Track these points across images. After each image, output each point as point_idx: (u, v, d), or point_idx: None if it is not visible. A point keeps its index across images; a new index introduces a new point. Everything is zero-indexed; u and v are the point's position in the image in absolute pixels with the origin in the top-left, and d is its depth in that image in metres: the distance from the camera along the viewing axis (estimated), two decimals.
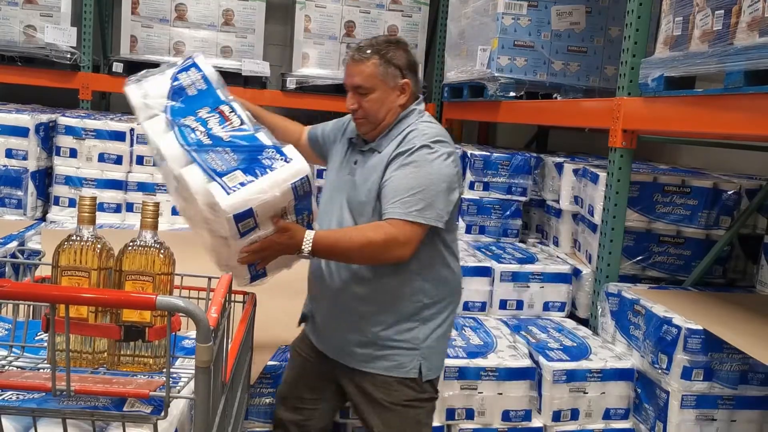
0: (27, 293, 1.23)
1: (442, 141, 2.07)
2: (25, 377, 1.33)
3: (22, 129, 3.59)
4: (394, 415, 2.13)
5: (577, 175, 3.60)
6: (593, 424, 2.76)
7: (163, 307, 1.15)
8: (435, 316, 2.16)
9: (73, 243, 1.39)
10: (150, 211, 1.43)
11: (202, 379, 1.21)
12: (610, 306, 3.01)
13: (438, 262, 2.15)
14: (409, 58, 2.13)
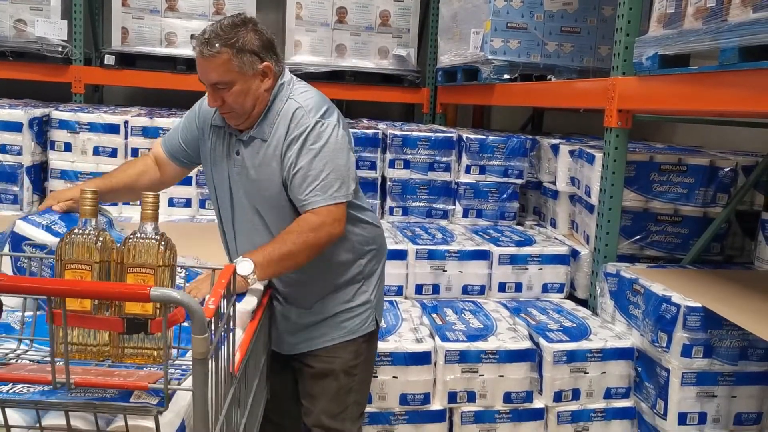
0: (22, 287, 1.22)
1: (327, 109, 2.02)
2: (29, 370, 1.32)
3: (16, 124, 3.57)
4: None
5: (573, 156, 3.59)
6: (594, 403, 2.77)
7: (157, 299, 1.15)
8: (369, 271, 2.22)
9: (76, 236, 1.38)
10: (150, 204, 1.42)
11: (199, 370, 1.20)
12: (609, 286, 3.02)
13: (353, 225, 2.13)
14: (262, 38, 1.96)
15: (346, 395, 2.22)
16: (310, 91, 2.08)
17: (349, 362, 2.20)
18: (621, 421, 2.79)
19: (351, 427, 2.24)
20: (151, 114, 3.93)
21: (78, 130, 3.67)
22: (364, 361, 2.25)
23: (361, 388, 2.27)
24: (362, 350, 2.23)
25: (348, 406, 2.22)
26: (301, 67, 5.13)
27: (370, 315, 2.23)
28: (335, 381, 2.19)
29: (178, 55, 4.85)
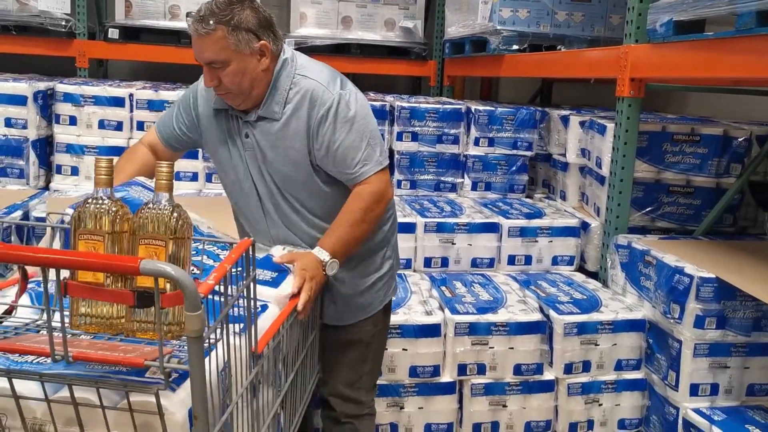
0: (16, 256, 1.18)
1: (340, 78, 2.01)
2: (36, 341, 1.31)
3: (20, 97, 3.53)
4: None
5: (583, 127, 3.55)
6: (605, 375, 2.76)
7: (147, 272, 1.10)
8: (388, 240, 2.21)
9: (89, 206, 1.35)
10: (164, 174, 1.37)
11: (194, 349, 1.16)
12: (620, 258, 3.00)
13: None
14: (258, 16, 1.91)
15: (362, 365, 2.22)
16: (317, 65, 2.04)
17: (369, 334, 2.20)
18: (632, 393, 2.78)
19: (365, 397, 2.24)
20: (156, 87, 3.89)
21: (83, 103, 3.63)
22: (380, 332, 2.25)
23: (376, 358, 2.27)
24: (380, 320, 2.23)
25: (362, 375, 2.22)
26: (306, 40, 5.07)
27: (393, 282, 2.24)
28: (356, 351, 2.20)
29: (182, 28, 4.78)
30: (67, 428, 1.29)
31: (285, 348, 1.75)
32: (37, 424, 1.30)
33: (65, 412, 1.28)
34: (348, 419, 2.23)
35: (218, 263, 1.37)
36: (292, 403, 1.88)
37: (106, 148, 3.65)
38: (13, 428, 1.30)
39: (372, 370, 2.26)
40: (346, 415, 2.23)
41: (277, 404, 1.69)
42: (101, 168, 1.37)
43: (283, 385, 1.76)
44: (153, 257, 1.34)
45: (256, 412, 1.55)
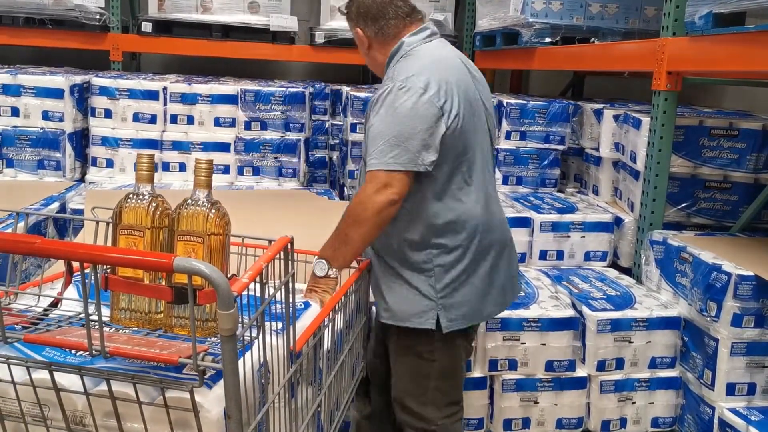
0: (54, 251, 1.19)
1: (418, 75, 1.92)
2: (76, 335, 1.32)
3: (57, 90, 3.59)
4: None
5: (617, 121, 3.50)
6: (639, 373, 2.73)
7: (180, 270, 1.09)
8: (446, 265, 2.02)
9: (130, 202, 1.36)
10: (203, 170, 1.37)
11: (227, 348, 1.15)
12: (655, 254, 2.95)
13: (428, 205, 1.99)
14: (359, 6, 2.06)
15: (425, 380, 2.11)
16: (417, 60, 1.99)
17: (417, 347, 2.08)
18: (666, 391, 2.74)
19: (434, 413, 2.11)
20: (189, 81, 3.93)
21: (118, 96, 3.68)
22: (442, 351, 2.08)
23: (443, 377, 2.11)
24: (434, 341, 2.06)
25: (428, 390, 2.10)
26: (336, 33, 5.07)
27: (430, 312, 2.02)
28: (411, 361, 2.11)
29: (215, 21, 4.83)
30: (106, 421, 1.31)
31: (326, 346, 1.75)
32: (77, 416, 1.32)
33: (104, 406, 1.29)
34: (413, 430, 2.15)
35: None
36: (332, 401, 1.88)
37: (140, 140, 3.69)
38: (54, 419, 1.32)
39: (440, 387, 2.11)
40: (409, 426, 2.15)
41: (316, 403, 1.69)
42: (143, 164, 1.37)
43: (323, 384, 1.75)
44: (191, 254, 1.34)
45: (295, 411, 1.55)
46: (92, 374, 1.26)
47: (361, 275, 2.13)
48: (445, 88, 1.94)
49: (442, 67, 1.98)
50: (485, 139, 2.09)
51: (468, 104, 2.00)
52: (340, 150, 4.23)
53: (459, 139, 1.97)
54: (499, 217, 2.15)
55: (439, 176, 1.98)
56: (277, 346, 1.45)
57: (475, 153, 2.03)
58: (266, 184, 3.82)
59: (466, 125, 1.98)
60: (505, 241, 2.14)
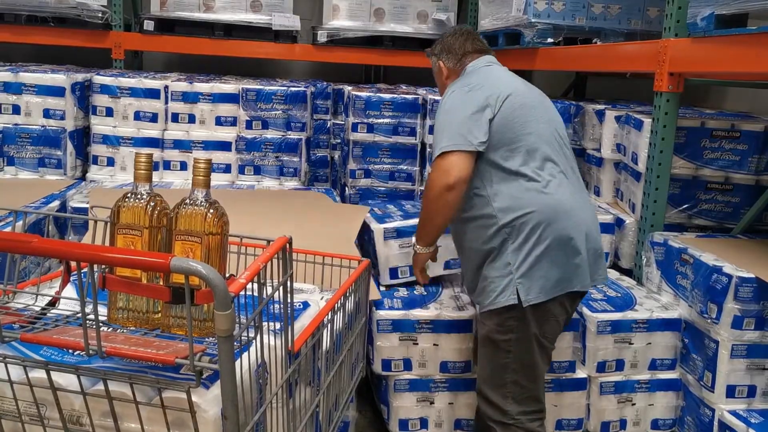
0: (52, 250, 1.18)
1: (465, 83, 2.30)
2: (72, 335, 1.32)
3: (59, 89, 3.59)
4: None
5: (619, 122, 3.49)
6: (639, 374, 2.72)
7: (177, 270, 1.09)
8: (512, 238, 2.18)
9: (128, 201, 1.35)
10: (202, 169, 1.37)
11: (224, 348, 1.14)
12: (656, 256, 2.95)
13: (493, 185, 2.22)
14: (442, 44, 2.53)
15: (503, 371, 2.21)
16: (473, 75, 2.38)
17: (495, 333, 2.20)
18: (666, 393, 2.74)
19: (512, 407, 2.20)
20: (191, 79, 3.92)
21: (119, 94, 3.68)
22: (519, 341, 2.18)
23: (521, 370, 2.21)
24: (511, 326, 2.17)
25: (507, 383, 2.20)
26: (338, 32, 5.07)
27: (509, 287, 2.16)
28: (486, 349, 2.26)
29: (216, 20, 4.83)
30: (103, 421, 1.30)
31: (325, 346, 1.75)
32: (74, 415, 1.32)
33: (101, 406, 1.29)
34: (492, 423, 2.23)
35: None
36: (331, 401, 1.88)
37: (141, 139, 3.69)
38: (51, 419, 1.32)
39: (518, 380, 2.21)
40: (489, 418, 2.24)
41: (315, 403, 1.68)
42: (141, 163, 1.37)
43: (322, 384, 1.75)
44: (188, 254, 1.34)
45: (293, 412, 1.54)
46: (89, 374, 1.26)
47: (361, 276, 2.12)
48: (491, 88, 2.25)
49: (489, 77, 2.34)
50: (548, 136, 2.28)
51: (519, 106, 2.24)
52: (341, 149, 4.23)
53: (508, 128, 2.20)
54: (568, 204, 2.22)
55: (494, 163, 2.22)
56: (275, 346, 1.45)
57: (535, 147, 2.21)
58: (267, 183, 3.82)
59: (515, 120, 2.21)
60: (577, 227, 2.21)
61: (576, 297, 2.26)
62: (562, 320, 2.27)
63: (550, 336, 2.25)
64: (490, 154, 2.20)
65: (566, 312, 2.26)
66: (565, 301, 2.22)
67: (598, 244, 2.28)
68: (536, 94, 2.39)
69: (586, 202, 2.34)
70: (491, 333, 2.22)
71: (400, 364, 2.67)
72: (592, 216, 2.31)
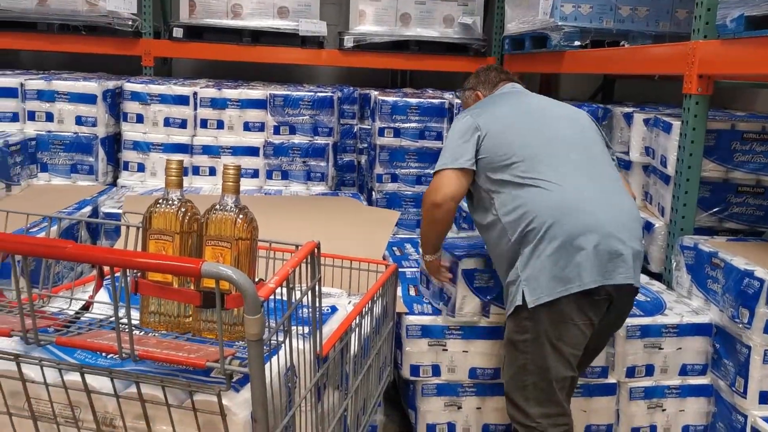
0: (82, 255, 1.19)
1: (470, 110, 2.46)
2: (108, 338, 1.35)
3: (90, 96, 3.66)
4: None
5: (648, 125, 3.46)
6: (669, 380, 2.69)
7: (208, 275, 1.11)
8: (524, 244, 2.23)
9: (160, 207, 1.38)
10: (231, 175, 1.39)
11: (254, 352, 1.15)
12: (686, 260, 2.91)
13: (492, 195, 2.32)
14: (477, 77, 2.68)
15: (522, 372, 2.23)
16: (485, 101, 2.57)
17: (514, 334, 2.26)
18: (697, 399, 2.70)
19: (534, 409, 2.21)
20: (219, 86, 3.98)
21: (149, 101, 3.74)
22: (533, 342, 2.19)
23: (537, 372, 2.21)
24: (526, 327, 2.20)
25: (527, 385, 2.22)
26: (365, 37, 5.09)
27: (518, 289, 2.21)
28: (507, 350, 2.32)
29: (244, 26, 4.89)
30: (136, 423, 1.33)
31: (353, 350, 1.76)
32: (108, 418, 1.35)
33: (134, 408, 1.31)
34: (518, 425, 2.26)
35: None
36: (359, 405, 1.89)
37: (171, 145, 3.75)
38: (85, 420, 1.34)
39: (537, 383, 2.22)
40: (515, 421, 2.28)
41: (343, 407, 1.69)
42: (172, 169, 1.39)
43: (350, 388, 1.76)
44: (219, 258, 1.36)
45: (321, 415, 1.56)
46: (123, 377, 1.29)
47: (388, 280, 2.13)
48: (486, 110, 2.43)
49: (495, 100, 2.51)
50: (551, 142, 2.35)
51: (511, 123, 2.39)
52: (368, 154, 4.25)
53: (501, 144, 2.31)
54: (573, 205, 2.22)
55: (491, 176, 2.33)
56: (303, 350, 1.46)
57: (532, 155, 2.29)
58: (295, 188, 3.85)
59: (506, 136, 2.33)
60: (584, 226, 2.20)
61: (594, 300, 2.20)
62: (582, 325, 2.21)
63: (567, 340, 2.21)
64: (488, 169, 2.32)
65: (587, 317, 2.22)
66: (584, 304, 2.18)
67: (613, 246, 2.19)
68: (545, 109, 2.51)
69: (610, 203, 2.28)
70: (510, 334, 2.28)
71: (429, 369, 2.67)
72: (616, 218, 2.24)
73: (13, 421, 1.35)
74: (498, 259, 2.37)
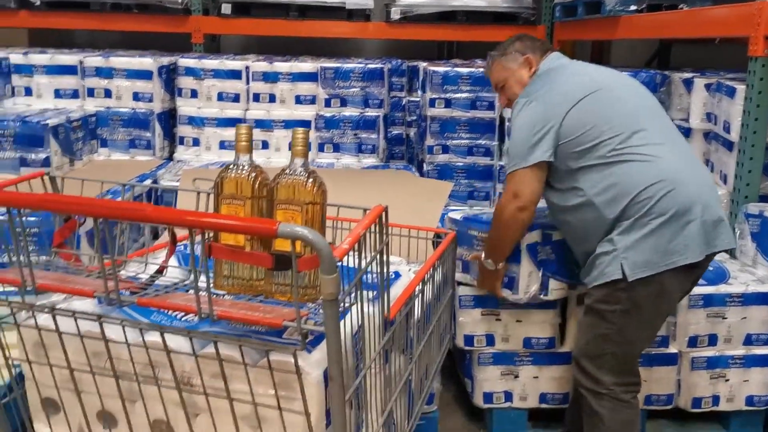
0: (162, 217, 1.23)
1: (532, 92, 2.26)
2: (185, 300, 1.38)
3: (146, 72, 3.72)
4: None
5: (709, 90, 3.36)
6: (733, 349, 2.64)
7: (284, 235, 1.13)
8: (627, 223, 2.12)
9: (231, 172, 1.41)
10: (300, 139, 1.40)
11: (330, 312, 1.18)
12: (751, 228, 2.83)
13: (573, 180, 2.19)
14: (524, 42, 2.42)
15: (602, 341, 2.17)
16: (545, 77, 2.31)
17: (601, 304, 2.16)
18: (762, 369, 2.65)
19: (607, 377, 2.17)
20: (270, 59, 4.00)
21: (203, 76, 3.79)
22: (625, 313, 2.13)
23: (622, 342, 2.17)
24: (619, 298, 2.12)
25: (605, 354, 2.17)
26: (411, 9, 5.04)
27: (614, 261, 2.11)
28: (588, 318, 2.23)
29: (291, 1, 4.88)
30: (212, 382, 1.36)
31: (416, 316, 1.77)
32: (185, 377, 1.39)
33: (210, 368, 1.35)
34: (585, 391, 2.22)
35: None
36: (422, 370, 1.91)
37: (225, 119, 3.79)
38: (164, 380, 1.38)
39: (617, 353, 2.17)
40: (582, 386, 2.24)
41: (408, 371, 1.71)
42: (241, 135, 1.41)
43: (413, 353, 1.78)
44: (290, 222, 1.38)
45: (388, 378, 1.58)
46: (201, 337, 1.32)
47: (447, 248, 2.13)
48: (557, 95, 2.22)
49: (557, 82, 2.27)
50: (635, 114, 2.21)
51: (592, 102, 2.20)
52: (418, 126, 4.23)
53: (582, 126, 2.16)
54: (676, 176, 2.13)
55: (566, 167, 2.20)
56: (371, 314, 1.47)
57: (622, 129, 2.14)
58: (346, 161, 3.87)
59: (588, 117, 2.17)
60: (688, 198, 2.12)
61: (693, 270, 2.15)
62: (678, 297, 2.23)
63: (662, 312, 2.21)
64: (570, 154, 2.17)
65: (681, 287, 2.19)
66: (685, 276, 2.14)
67: (715, 213, 2.15)
68: (609, 79, 2.34)
69: (697, 170, 2.23)
70: (596, 303, 2.18)
71: (483, 339, 2.66)
72: (706, 184, 2.21)
73: (96, 380, 1.40)
74: (581, 233, 2.24)
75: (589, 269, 2.21)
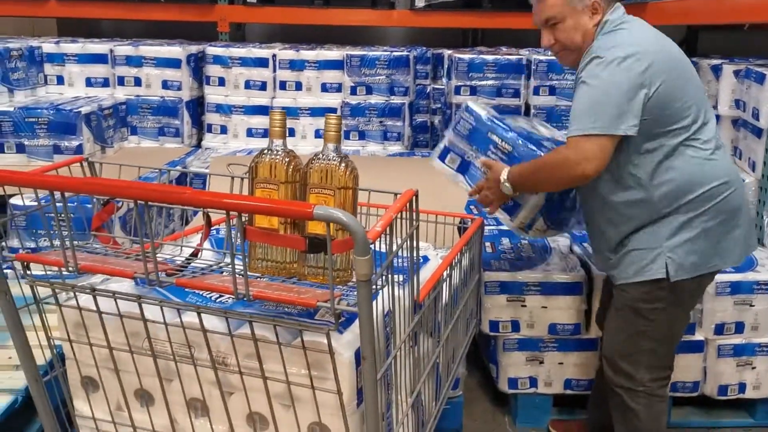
0: (200, 200, 1.25)
1: (618, 46, 1.93)
2: (221, 281, 1.42)
3: (175, 60, 3.77)
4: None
5: (738, 76, 3.32)
6: (761, 337, 2.64)
7: (320, 217, 1.15)
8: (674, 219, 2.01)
9: (265, 156, 1.44)
10: (333, 124, 1.42)
11: (363, 292, 1.20)
12: None
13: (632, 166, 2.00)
14: None
15: (639, 338, 2.09)
16: (620, 31, 2.00)
17: (640, 303, 2.07)
18: None
19: (643, 374, 2.11)
20: (296, 47, 4.02)
21: (230, 64, 3.83)
22: (665, 311, 2.06)
23: (661, 339, 2.11)
24: (660, 296, 2.04)
25: (642, 351, 2.10)
26: None
27: (657, 259, 2.01)
28: (624, 316, 2.12)
29: None
30: (247, 362, 1.40)
31: (444, 299, 1.79)
32: (220, 356, 1.43)
33: (245, 348, 1.39)
34: (618, 389, 2.17)
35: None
36: (449, 354, 1.93)
37: (252, 107, 3.83)
38: (199, 359, 1.43)
39: (655, 348, 2.11)
40: (615, 384, 2.18)
41: (435, 354, 1.74)
42: (275, 120, 1.44)
43: (441, 336, 1.80)
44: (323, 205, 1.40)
45: (417, 360, 1.60)
46: (237, 317, 1.35)
47: (475, 233, 2.15)
48: (647, 58, 1.91)
49: (641, 40, 1.97)
50: (703, 96, 2.06)
51: (677, 75, 1.96)
52: (443, 114, 4.24)
53: (668, 105, 1.93)
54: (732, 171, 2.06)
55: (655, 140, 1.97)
56: (401, 296, 1.50)
57: (697, 114, 1.98)
58: (371, 149, 3.89)
59: (675, 93, 1.94)
60: (741, 197, 2.07)
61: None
62: (706, 288, 2.23)
63: (695, 306, 2.23)
64: (648, 134, 1.95)
65: (713, 280, 2.20)
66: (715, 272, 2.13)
67: (751, 216, 2.12)
68: (680, 51, 2.07)
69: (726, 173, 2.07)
70: (634, 302, 2.08)
71: (508, 325, 2.68)
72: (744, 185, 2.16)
73: (134, 359, 1.45)
74: (616, 219, 2.08)
75: (620, 262, 2.09)
